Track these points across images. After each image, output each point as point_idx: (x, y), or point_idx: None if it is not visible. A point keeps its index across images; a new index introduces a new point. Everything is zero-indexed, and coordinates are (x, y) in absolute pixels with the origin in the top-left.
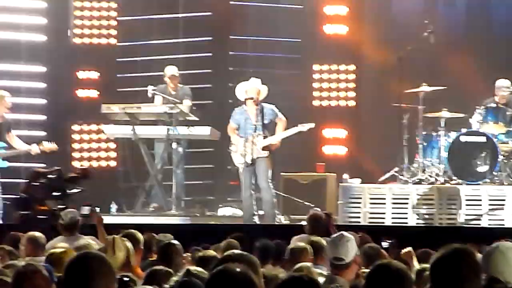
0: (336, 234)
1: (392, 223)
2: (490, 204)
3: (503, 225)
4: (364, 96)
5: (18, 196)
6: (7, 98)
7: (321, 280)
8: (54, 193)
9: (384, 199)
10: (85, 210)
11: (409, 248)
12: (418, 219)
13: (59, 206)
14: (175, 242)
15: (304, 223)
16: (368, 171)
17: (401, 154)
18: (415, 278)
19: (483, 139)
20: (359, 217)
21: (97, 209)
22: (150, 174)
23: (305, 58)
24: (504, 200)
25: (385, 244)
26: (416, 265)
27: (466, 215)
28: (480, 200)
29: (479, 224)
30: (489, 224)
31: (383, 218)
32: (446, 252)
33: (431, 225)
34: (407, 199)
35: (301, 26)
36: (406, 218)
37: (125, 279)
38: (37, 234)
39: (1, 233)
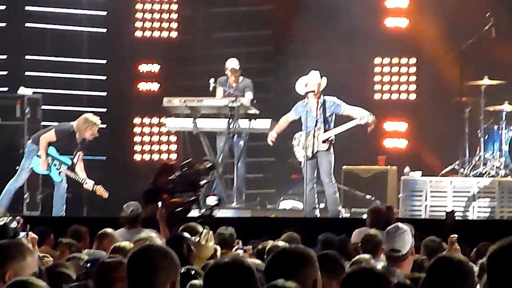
0: (392, 226)
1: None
2: None
3: None
4: (425, 89)
5: (148, 189)
6: (96, 127)
7: None
8: (187, 186)
9: (446, 192)
10: (212, 200)
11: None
12: (479, 212)
13: (192, 198)
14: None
15: (365, 216)
16: (429, 165)
17: (462, 148)
18: (478, 271)
19: None
20: (420, 210)
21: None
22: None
23: (366, 51)
24: None
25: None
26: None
27: None
28: None
29: None
30: None
31: (444, 211)
32: (504, 244)
33: (492, 218)
34: (468, 192)
35: (362, 19)
36: (468, 211)
37: (192, 272)
38: (109, 230)
39: (65, 225)
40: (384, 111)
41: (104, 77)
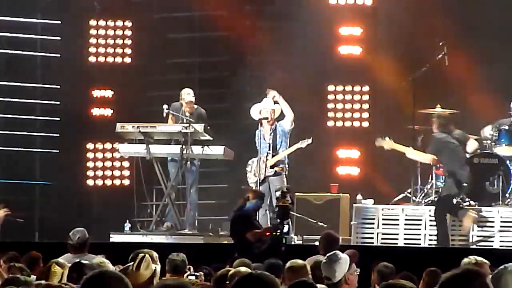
0: (330, 253)
1: (405, 244)
2: (502, 226)
3: None
4: (378, 117)
5: (238, 215)
6: None
7: None
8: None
9: (398, 220)
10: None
11: None
12: (430, 240)
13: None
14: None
15: (317, 243)
16: (382, 192)
17: (414, 176)
18: None
19: (495, 161)
20: (372, 238)
21: None
22: (164, 193)
23: (320, 78)
24: None
25: None
26: None
27: (478, 236)
28: (493, 221)
29: (491, 246)
30: (500, 246)
31: (396, 239)
32: (456, 273)
33: (443, 246)
34: (420, 220)
35: (316, 47)
36: (419, 239)
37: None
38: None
39: (16, 250)
40: (337, 138)
41: (57, 102)
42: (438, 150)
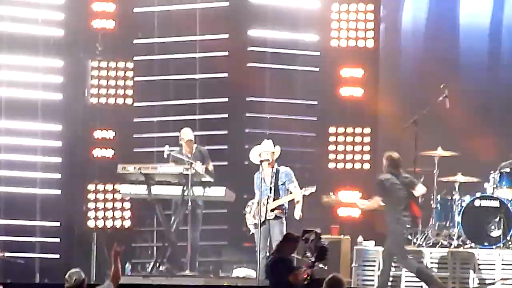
0: None
1: (406, 286)
2: (503, 269)
3: None
4: (379, 159)
5: (275, 260)
6: None
7: None
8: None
9: None
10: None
11: None
12: None
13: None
14: None
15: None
16: (383, 234)
17: (415, 218)
18: None
19: (496, 203)
20: (373, 280)
21: None
22: (164, 235)
23: (321, 120)
24: None
25: None
26: None
27: (480, 279)
28: (494, 264)
29: None
30: None
31: (396, 281)
32: None
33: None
34: (421, 262)
35: (317, 89)
36: (420, 281)
37: None
38: None
39: None
40: (338, 180)
41: (59, 143)
42: (382, 192)
